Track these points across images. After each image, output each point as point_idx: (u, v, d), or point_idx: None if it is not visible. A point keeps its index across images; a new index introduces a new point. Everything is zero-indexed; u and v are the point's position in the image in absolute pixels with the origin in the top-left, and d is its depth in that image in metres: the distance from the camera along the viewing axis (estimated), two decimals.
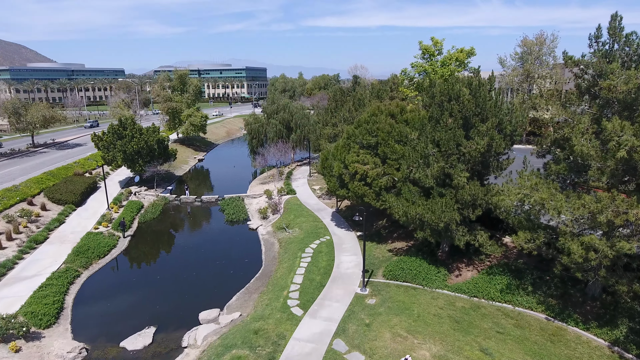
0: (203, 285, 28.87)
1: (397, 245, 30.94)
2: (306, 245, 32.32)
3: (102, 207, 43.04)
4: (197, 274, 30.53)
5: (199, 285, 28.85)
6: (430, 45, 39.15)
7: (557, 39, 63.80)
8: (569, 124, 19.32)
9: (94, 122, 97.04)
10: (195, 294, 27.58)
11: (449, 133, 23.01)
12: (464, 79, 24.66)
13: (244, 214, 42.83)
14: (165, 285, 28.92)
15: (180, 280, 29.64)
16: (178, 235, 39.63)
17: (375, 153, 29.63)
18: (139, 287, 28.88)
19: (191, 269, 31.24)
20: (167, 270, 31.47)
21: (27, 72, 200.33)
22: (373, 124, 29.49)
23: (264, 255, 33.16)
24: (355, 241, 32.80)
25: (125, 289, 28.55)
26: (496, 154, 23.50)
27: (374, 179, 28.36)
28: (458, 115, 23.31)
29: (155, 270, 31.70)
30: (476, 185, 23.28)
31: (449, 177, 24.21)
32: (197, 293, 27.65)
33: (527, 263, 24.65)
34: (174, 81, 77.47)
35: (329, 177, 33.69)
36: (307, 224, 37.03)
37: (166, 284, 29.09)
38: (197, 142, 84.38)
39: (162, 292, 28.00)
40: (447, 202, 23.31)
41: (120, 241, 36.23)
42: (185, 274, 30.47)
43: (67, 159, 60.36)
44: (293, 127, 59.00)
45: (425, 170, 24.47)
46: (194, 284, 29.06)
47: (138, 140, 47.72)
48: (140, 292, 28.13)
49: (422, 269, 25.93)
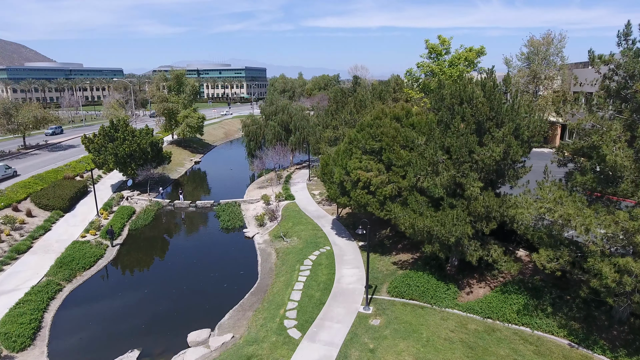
0: (194, 300, 26.87)
1: (402, 257, 28.96)
2: (305, 257, 30.33)
3: (92, 213, 41.04)
4: (188, 287, 28.52)
5: (190, 300, 26.86)
6: (437, 44, 36.95)
7: (565, 39, 61.87)
8: (597, 130, 17.34)
9: (57, 128, 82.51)
10: (185, 310, 25.58)
11: (461, 139, 21.02)
12: (477, 81, 22.68)
13: (240, 220, 40.83)
14: (153, 301, 26.92)
15: (169, 294, 27.64)
16: (170, 244, 37.61)
17: (379, 159, 27.66)
18: (125, 302, 26.86)
19: (182, 282, 29.25)
20: (156, 283, 29.47)
21: (25, 71, 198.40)
22: (377, 128, 27.52)
23: (260, 267, 31.17)
24: (357, 252, 30.81)
25: (110, 305, 26.53)
26: (512, 161, 21.51)
27: (377, 187, 26.38)
28: (471, 120, 21.33)
29: (143, 283, 29.68)
30: (490, 196, 21.30)
31: (461, 187, 22.23)
32: (187, 309, 25.65)
33: (544, 280, 22.66)
34: (170, 81, 75.42)
35: (329, 184, 31.70)
36: (306, 232, 35.04)
37: (154, 299, 27.08)
38: (194, 143, 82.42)
39: (150, 308, 25.99)
40: (458, 215, 21.32)
41: (108, 250, 34.23)
42: (175, 288, 28.47)
43: (58, 161, 58.40)
44: (292, 129, 57.03)
45: (434, 179, 22.47)
46: (185, 298, 27.06)
47: (130, 143, 45.73)
48: (125, 308, 26.10)
49: (430, 285, 23.94)
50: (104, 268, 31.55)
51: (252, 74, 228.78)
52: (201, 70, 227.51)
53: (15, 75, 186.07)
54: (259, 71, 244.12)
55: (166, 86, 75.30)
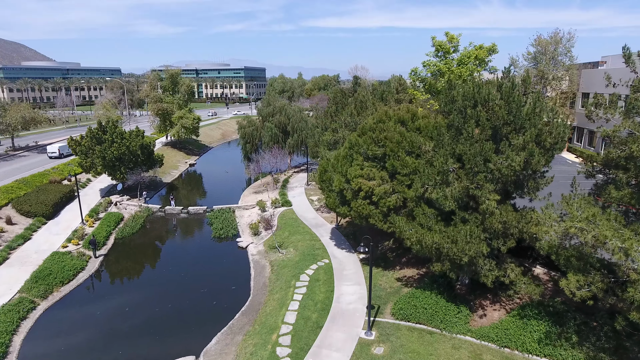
0: (180, 320, 24.53)
1: (407, 272, 26.63)
2: (301, 271, 28.01)
3: (77, 220, 38.69)
4: (174, 305, 26.18)
5: (175, 320, 24.51)
6: (445, 41, 34.49)
7: (573, 38, 59.59)
8: (636, 138, 15.03)
9: None
10: (169, 332, 23.24)
11: (476, 146, 18.71)
12: (492, 81, 20.37)
13: (233, 229, 38.49)
14: (133, 321, 24.58)
15: (152, 313, 25.32)
16: (157, 254, 35.25)
17: (382, 166, 25.33)
18: (103, 323, 24.47)
19: (167, 299, 26.91)
20: (139, 300, 27.11)
21: (21, 70, 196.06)
22: (380, 132, 25.19)
23: (252, 281, 28.84)
24: (358, 266, 28.49)
25: (86, 325, 24.16)
26: (533, 172, 19.20)
27: (380, 197, 24.05)
28: (486, 125, 19.01)
29: (125, 300, 27.27)
30: (508, 210, 18.99)
31: (474, 200, 19.92)
32: (171, 332, 23.31)
33: (566, 303, 20.33)
34: (164, 81, 73.07)
35: (327, 192, 29.38)
36: (303, 243, 32.72)
37: (135, 319, 24.74)
38: (189, 145, 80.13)
39: (130, 330, 23.65)
40: (472, 231, 19.01)
41: (90, 262, 31.90)
42: (159, 306, 26.14)
43: (46, 164, 56.11)
44: (290, 131, 54.68)
45: (444, 190, 20.14)
46: (169, 319, 24.72)
47: (119, 145, 43.40)
48: (103, 330, 23.72)
49: (438, 307, 21.60)
50: (84, 282, 29.23)
51: (251, 74, 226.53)
52: (200, 70, 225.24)
53: (12, 75, 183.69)
54: (258, 71, 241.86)
55: (161, 86, 72.81)
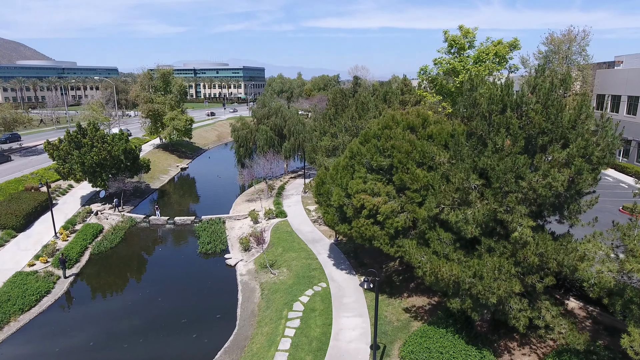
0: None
1: (416, 301, 23.13)
2: (295, 298, 24.50)
3: (51, 232, 35.16)
4: (147, 340, 22.63)
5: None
6: (459, 35, 30.63)
7: (588, 36, 56.06)
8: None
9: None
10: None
11: (507, 161, 15.19)
12: (527, 80, 16.86)
13: (222, 243, 34.92)
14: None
15: (120, 351, 21.75)
16: (135, 273, 31.61)
17: (388, 179, 21.80)
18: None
19: (141, 331, 23.35)
20: (108, 332, 23.48)
21: (16, 69, 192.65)
22: (386, 140, 21.66)
23: (239, 308, 25.26)
24: (359, 292, 24.96)
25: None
26: (577, 192, 15.68)
27: (386, 216, 20.52)
28: (519, 134, 15.49)
29: (92, 332, 23.58)
30: (546, 239, 15.46)
31: (502, 225, 16.41)
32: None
33: (611, 348, 16.87)
34: (155, 80, 69.54)
35: (325, 207, 25.82)
36: (297, 262, 29.20)
37: (100, 359, 21.20)
38: (182, 147, 76.56)
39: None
40: (501, 265, 15.50)
41: (58, 284, 28.37)
42: (130, 340, 22.56)
43: (27, 168, 52.60)
44: (286, 134, 51.16)
45: (465, 212, 16.63)
46: (139, 358, 21.18)
47: (99, 150, 39.85)
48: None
49: (457, 350, 18.07)
50: (48, 309, 25.67)
51: (250, 73, 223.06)
52: (198, 69, 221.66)
53: (6, 74, 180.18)
54: (257, 71, 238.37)
55: (152, 86, 69.27)
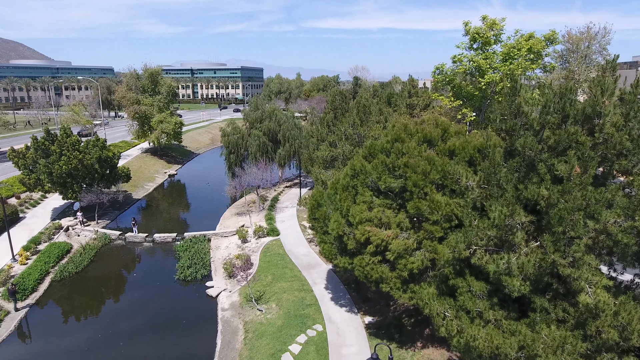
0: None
1: (433, 355, 18.72)
2: (284, 346, 20.09)
3: (9, 253, 30.71)
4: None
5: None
6: (484, 27, 25.61)
7: (609, 34, 51.80)
8: None
9: None
10: None
11: (576, 195, 10.79)
12: (600, 81, 12.47)
13: (204, 267, 30.47)
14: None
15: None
16: (98, 307, 26.71)
17: (399, 205, 17.38)
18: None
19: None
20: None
21: (9, 69, 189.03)
22: (397, 157, 17.26)
23: (217, 357, 20.82)
24: (362, 337, 20.56)
25: None
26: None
27: (399, 255, 16.10)
28: (593, 157, 11.09)
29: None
30: (629, 305, 11.06)
31: (560, 280, 12.02)
32: None
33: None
34: (143, 80, 65.15)
35: (321, 235, 21.38)
36: (289, 294, 24.80)
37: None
38: (172, 151, 72.17)
39: None
40: (566, 339, 11.11)
41: (6, 320, 23.92)
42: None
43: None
44: (280, 140, 46.76)
45: (509, 259, 12.24)
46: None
47: (69, 158, 35.42)
48: None
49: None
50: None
51: (248, 74, 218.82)
52: (195, 69, 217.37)
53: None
54: (256, 71, 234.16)
55: (139, 86, 64.87)
